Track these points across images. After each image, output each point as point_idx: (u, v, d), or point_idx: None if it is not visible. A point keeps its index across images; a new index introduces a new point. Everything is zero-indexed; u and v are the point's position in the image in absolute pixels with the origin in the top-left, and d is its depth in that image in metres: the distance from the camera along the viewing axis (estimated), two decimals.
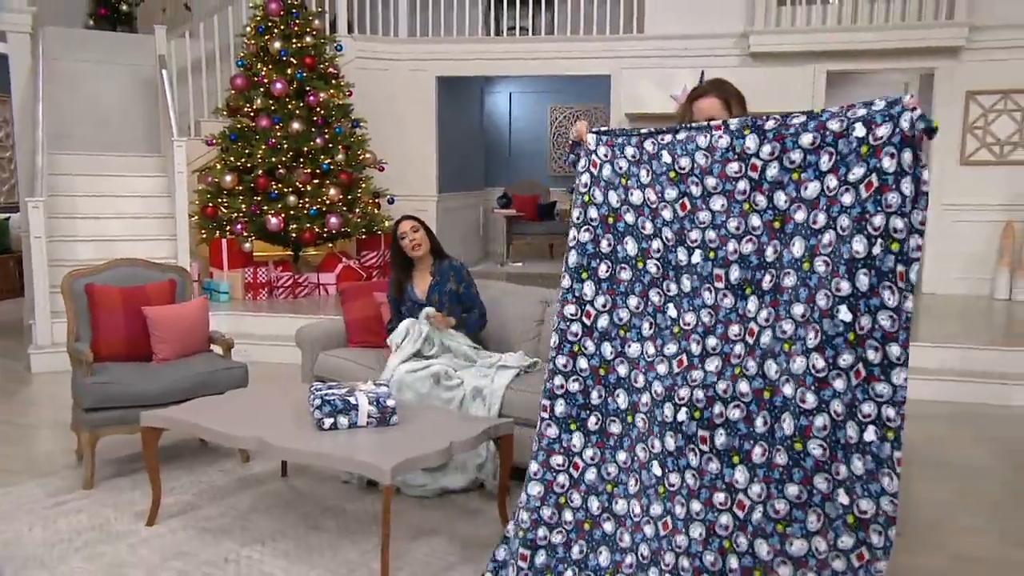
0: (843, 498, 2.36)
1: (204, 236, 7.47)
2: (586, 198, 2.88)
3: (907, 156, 2.27)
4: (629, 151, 2.83)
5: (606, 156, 2.87)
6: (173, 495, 3.69)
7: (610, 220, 2.85)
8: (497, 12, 9.47)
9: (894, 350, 2.29)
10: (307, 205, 7.30)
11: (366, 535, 3.29)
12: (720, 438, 2.56)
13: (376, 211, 7.92)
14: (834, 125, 2.41)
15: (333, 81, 7.73)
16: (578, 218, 2.90)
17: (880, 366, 2.31)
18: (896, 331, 2.29)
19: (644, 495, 2.72)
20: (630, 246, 2.82)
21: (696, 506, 2.59)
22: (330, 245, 7.81)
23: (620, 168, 2.84)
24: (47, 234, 6.35)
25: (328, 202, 7.37)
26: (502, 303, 4.43)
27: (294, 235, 7.36)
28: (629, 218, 2.82)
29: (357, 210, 7.69)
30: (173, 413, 3.37)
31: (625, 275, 2.83)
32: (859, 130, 2.35)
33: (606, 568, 2.78)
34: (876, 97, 2.45)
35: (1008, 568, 3.15)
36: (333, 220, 7.34)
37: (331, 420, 3.15)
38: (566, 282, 2.89)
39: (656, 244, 2.77)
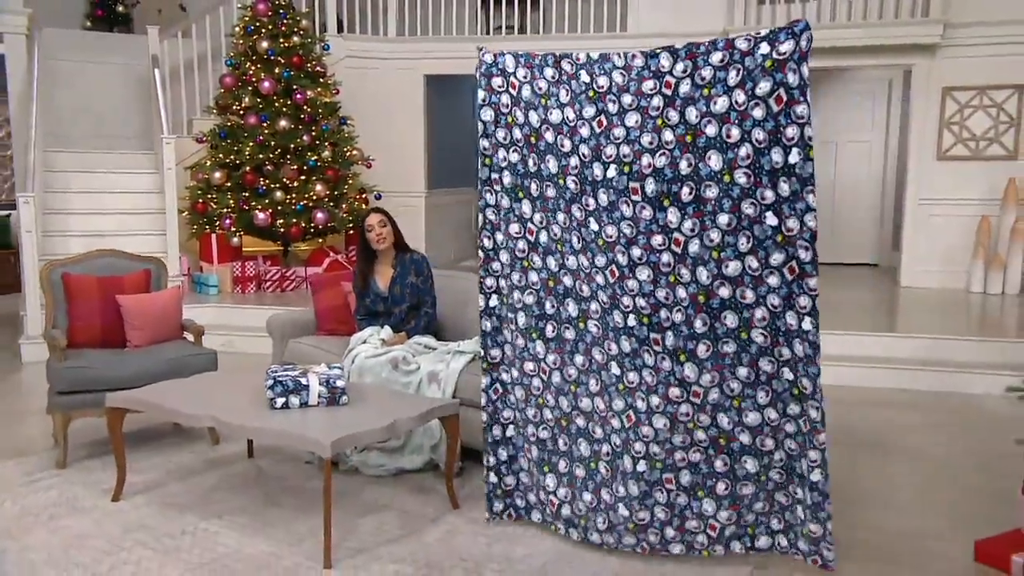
0: (788, 375, 2.70)
1: (194, 231, 7.63)
2: (509, 119, 3.06)
3: (805, 70, 2.53)
4: (548, 72, 2.99)
5: (525, 77, 3.03)
6: (142, 474, 3.84)
7: (532, 139, 3.03)
8: (486, 11, 9.59)
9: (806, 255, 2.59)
10: (294, 201, 7.46)
11: (320, 511, 3.42)
12: (669, 339, 2.82)
13: (364, 207, 8.06)
14: (741, 44, 2.62)
15: (320, 80, 7.88)
16: (504, 138, 3.08)
17: (812, 263, 2.59)
18: (811, 236, 2.58)
19: (606, 392, 2.98)
20: (551, 164, 2.99)
21: (655, 400, 2.86)
22: (319, 240, 7.96)
23: (540, 89, 3.00)
24: (41, 229, 6.54)
25: (315, 198, 7.52)
26: (468, 292, 4.54)
27: (282, 230, 7.52)
28: (549, 137, 2.99)
29: (344, 206, 7.84)
30: (136, 394, 3.51)
31: (551, 192, 3.02)
32: (764, 48, 2.57)
33: (588, 457, 3.08)
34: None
35: (922, 538, 3.27)
36: (320, 215, 7.50)
37: (283, 400, 3.28)
38: (505, 202, 3.12)
39: (574, 161, 2.94)
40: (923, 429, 4.64)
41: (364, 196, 8.16)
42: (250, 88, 7.54)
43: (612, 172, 2.85)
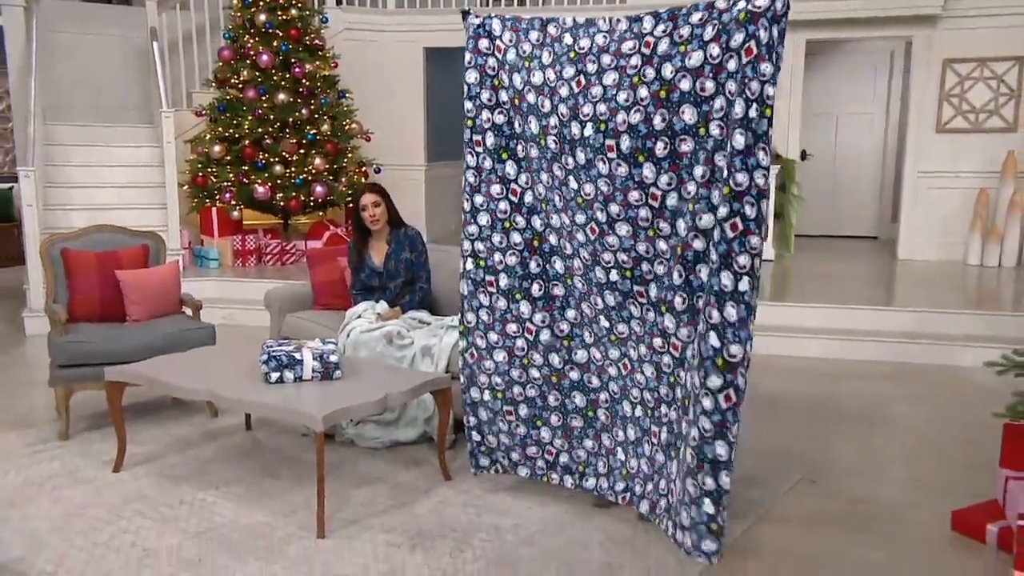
0: (714, 340, 2.59)
1: (195, 205, 7.68)
2: (496, 81, 3.11)
3: (775, 31, 2.50)
4: (533, 35, 3.04)
5: (511, 41, 3.08)
6: (142, 446, 3.93)
7: (516, 101, 3.08)
8: None
9: (767, 205, 2.58)
10: (293, 174, 7.50)
11: (315, 482, 3.51)
12: (653, 291, 2.86)
13: (363, 180, 8.09)
14: (720, 3, 2.62)
15: (319, 53, 7.87)
16: (490, 100, 3.13)
17: (755, 221, 2.54)
18: (767, 188, 2.57)
19: (600, 344, 3.06)
20: (533, 125, 3.05)
21: (643, 349, 2.92)
22: (319, 213, 8.01)
23: (524, 51, 3.05)
24: (43, 203, 6.60)
25: (314, 171, 7.56)
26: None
27: (282, 204, 7.56)
28: (531, 98, 3.04)
29: (344, 179, 7.88)
30: (134, 368, 3.59)
31: (534, 152, 3.08)
32: (740, 3, 2.56)
33: (584, 407, 3.18)
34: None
35: (900, 507, 3.35)
36: (319, 189, 7.54)
37: (277, 374, 3.36)
38: (487, 163, 3.17)
39: (553, 121, 2.98)
40: (909, 401, 4.70)
41: (363, 169, 8.18)
42: (248, 61, 7.54)
43: (589, 131, 2.86)
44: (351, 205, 8.01)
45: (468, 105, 3.19)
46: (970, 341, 5.46)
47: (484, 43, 3.11)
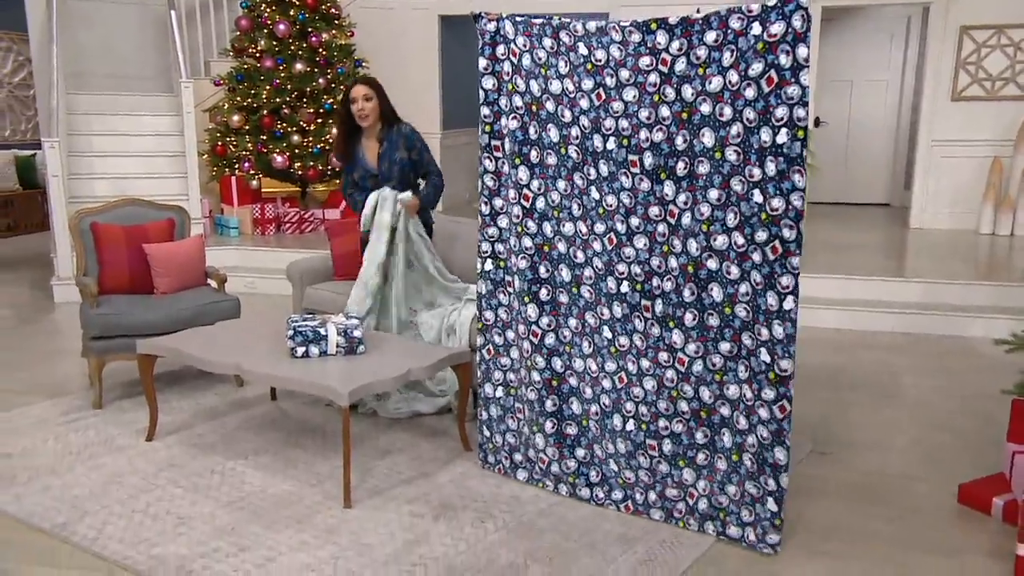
0: (765, 356, 2.72)
1: (214, 174, 7.72)
2: (510, 86, 3.13)
3: (801, 51, 2.53)
4: (547, 42, 3.05)
5: (524, 46, 3.09)
6: (171, 415, 4.03)
7: (534, 108, 3.10)
8: None
9: (806, 228, 2.64)
10: (311, 144, 7.51)
11: (339, 452, 3.60)
12: (659, 306, 2.92)
13: None
14: (735, 23, 2.63)
15: (335, 22, 7.84)
16: (505, 106, 3.15)
17: (796, 242, 2.62)
18: (804, 208, 2.61)
19: (598, 355, 3.10)
20: (553, 133, 3.07)
21: (645, 363, 2.98)
22: (336, 182, 8.02)
23: (539, 59, 3.06)
24: (67, 172, 6.65)
25: (331, 140, 7.56)
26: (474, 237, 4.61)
27: (299, 173, 7.59)
28: (550, 106, 3.06)
29: None
30: (165, 342, 3.67)
31: (552, 160, 3.10)
32: (756, 28, 2.59)
33: (579, 415, 3.21)
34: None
35: (907, 479, 3.41)
36: (335, 158, 7.55)
37: (303, 349, 3.43)
38: (506, 167, 3.19)
39: (575, 131, 3.02)
40: (919, 373, 4.74)
41: None
42: (265, 31, 7.52)
43: (612, 144, 2.92)
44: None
45: (486, 111, 3.22)
46: (978, 312, 5.48)
47: (500, 49, 3.13)
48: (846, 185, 9.75)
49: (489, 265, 3.33)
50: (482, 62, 3.17)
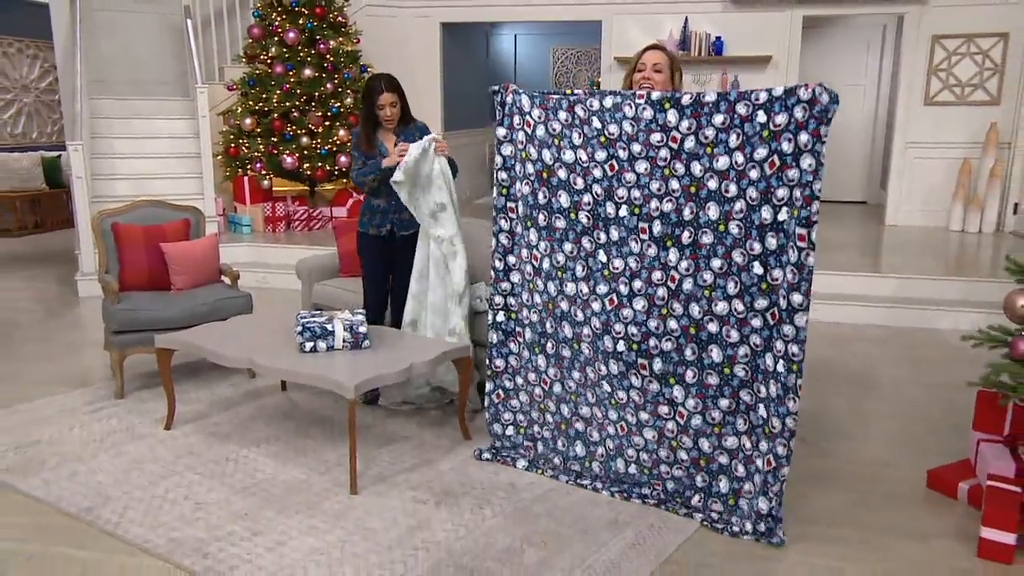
0: (762, 411, 2.78)
1: (228, 174, 7.71)
2: (523, 154, 3.15)
3: (803, 137, 2.56)
4: (562, 115, 3.05)
5: (539, 118, 3.09)
6: (188, 405, 4.04)
7: (544, 175, 3.11)
8: None
9: (796, 298, 2.65)
10: (319, 145, 7.50)
11: (346, 441, 3.61)
12: (657, 364, 2.94)
13: None
14: (741, 109, 2.68)
15: (342, 29, 7.80)
16: (519, 172, 3.17)
17: (787, 311, 2.66)
18: (798, 283, 2.64)
19: (601, 405, 3.13)
20: (563, 199, 3.08)
21: (644, 416, 3.00)
22: (343, 181, 8.01)
23: (553, 130, 3.07)
24: (90, 173, 6.63)
25: (338, 142, 7.55)
26: (478, 239, 4.60)
27: (308, 173, 7.58)
28: (562, 174, 3.07)
29: None
30: (182, 336, 3.67)
31: (560, 224, 3.11)
32: (761, 117, 2.64)
33: (584, 456, 3.26)
34: (779, 85, 2.75)
35: (878, 466, 3.43)
36: (343, 159, 7.54)
37: (311, 344, 3.43)
38: (519, 228, 3.22)
39: (587, 198, 3.03)
40: (893, 364, 4.76)
41: None
42: (276, 38, 7.49)
43: (624, 212, 2.96)
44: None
45: (503, 175, 3.27)
46: (948, 306, 5.49)
47: (516, 119, 3.17)
48: (828, 184, 9.71)
49: (501, 317, 3.38)
50: (500, 131, 3.22)
